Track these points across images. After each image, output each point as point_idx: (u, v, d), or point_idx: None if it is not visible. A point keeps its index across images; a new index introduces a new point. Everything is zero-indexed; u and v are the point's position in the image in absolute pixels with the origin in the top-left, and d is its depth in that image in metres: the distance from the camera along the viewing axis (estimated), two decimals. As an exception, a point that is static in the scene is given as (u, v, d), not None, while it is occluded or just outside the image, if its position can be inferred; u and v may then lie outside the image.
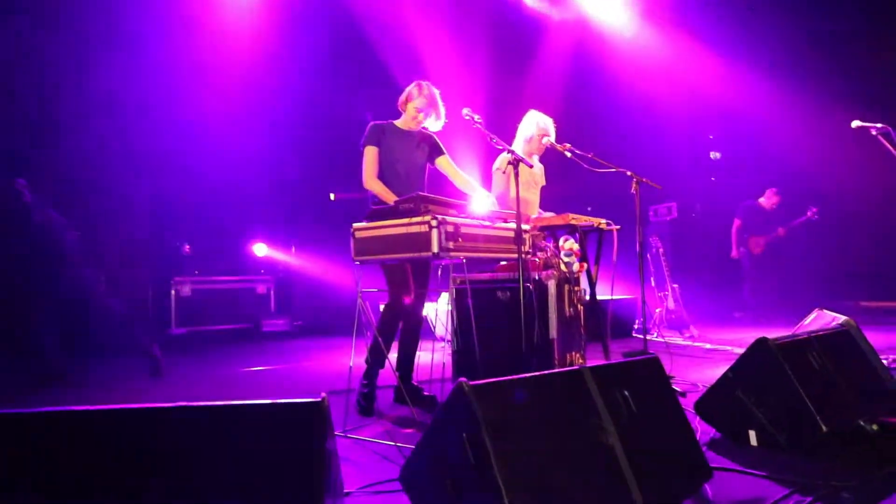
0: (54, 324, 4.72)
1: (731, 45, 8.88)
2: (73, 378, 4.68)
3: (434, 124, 3.68)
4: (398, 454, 2.56)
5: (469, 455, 1.61)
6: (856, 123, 4.35)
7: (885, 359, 3.88)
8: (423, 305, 3.75)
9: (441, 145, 3.79)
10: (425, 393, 3.62)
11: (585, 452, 1.76)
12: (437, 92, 3.63)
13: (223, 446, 1.50)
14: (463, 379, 1.63)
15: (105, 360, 5.70)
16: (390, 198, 3.36)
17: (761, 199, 8.39)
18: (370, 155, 3.55)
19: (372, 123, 3.63)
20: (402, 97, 3.64)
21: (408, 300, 3.50)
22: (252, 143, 8.06)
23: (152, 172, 7.61)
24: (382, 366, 3.50)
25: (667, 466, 1.92)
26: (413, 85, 3.62)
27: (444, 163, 3.78)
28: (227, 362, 5.65)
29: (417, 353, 3.70)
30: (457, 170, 3.77)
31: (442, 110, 3.64)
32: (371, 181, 3.51)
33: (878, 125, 4.26)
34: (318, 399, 1.52)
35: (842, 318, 3.07)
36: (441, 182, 3.91)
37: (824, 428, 2.38)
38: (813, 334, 2.81)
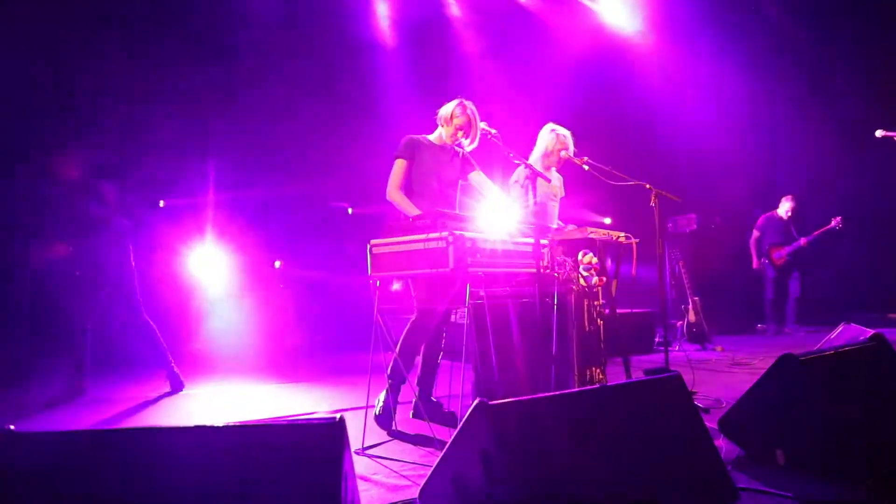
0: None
1: (752, 54, 8.83)
2: (93, 392, 4.72)
3: (469, 145, 3.66)
4: (416, 472, 2.53)
5: (488, 475, 1.58)
6: (879, 133, 4.29)
7: (916, 373, 3.77)
8: (448, 322, 3.74)
9: (472, 160, 3.80)
10: (445, 409, 3.59)
11: (604, 474, 1.72)
12: (476, 112, 3.60)
13: (239, 467, 1.49)
14: (482, 398, 1.61)
15: (122, 374, 5.75)
16: (411, 210, 3.35)
17: (778, 209, 8.26)
18: (400, 167, 3.55)
19: (408, 136, 3.63)
20: (445, 113, 3.62)
21: (435, 318, 3.49)
22: (270, 158, 8.13)
23: (169, 188, 7.73)
24: (404, 381, 3.49)
25: (691, 487, 1.88)
26: (456, 104, 3.59)
27: (476, 177, 3.78)
28: (246, 378, 5.67)
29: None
30: (490, 184, 3.76)
31: (479, 133, 3.59)
32: (394, 192, 3.51)
33: (903, 134, 4.19)
34: (335, 419, 1.50)
35: (870, 333, 2.99)
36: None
37: (854, 446, 2.31)
38: (841, 349, 2.74)
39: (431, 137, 3.69)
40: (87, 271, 4.56)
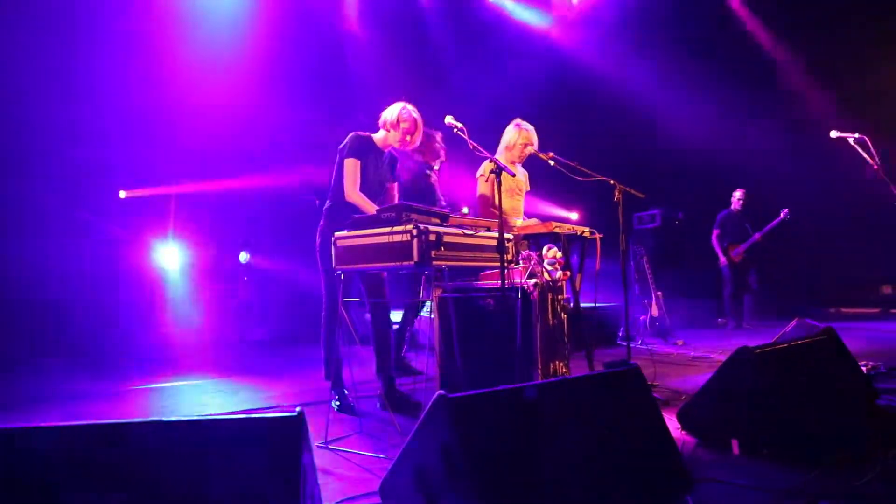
0: None
1: (707, 53, 9.01)
2: (52, 387, 4.59)
3: (410, 146, 3.74)
4: (380, 466, 2.53)
5: (446, 467, 1.59)
6: (834, 134, 4.42)
7: (864, 365, 3.93)
8: (388, 314, 3.76)
9: (396, 169, 3.92)
10: (412, 400, 3.60)
11: (564, 466, 1.74)
12: (418, 114, 3.67)
13: (196, 462, 1.47)
14: (442, 392, 1.62)
15: (83, 368, 5.61)
16: (372, 210, 3.35)
17: (733, 205, 8.41)
18: (354, 167, 3.57)
19: (354, 134, 3.64)
20: (390, 117, 3.64)
21: (342, 309, 3.58)
22: (234, 150, 8.00)
23: (136, 178, 7.57)
24: (340, 366, 3.63)
25: (647, 478, 1.92)
26: (401, 108, 3.63)
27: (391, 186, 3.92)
28: (207, 371, 5.58)
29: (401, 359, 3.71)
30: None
31: (420, 133, 3.70)
32: (354, 194, 3.54)
33: (856, 135, 4.32)
34: (294, 413, 1.49)
35: (822, 326, 3.09)
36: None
37: (805, 435, 2.39)
38: (794, 342, 2.82)
39: (376, 138, 3.73)
40: None
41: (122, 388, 4.68)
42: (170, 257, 7.76)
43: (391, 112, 3.65)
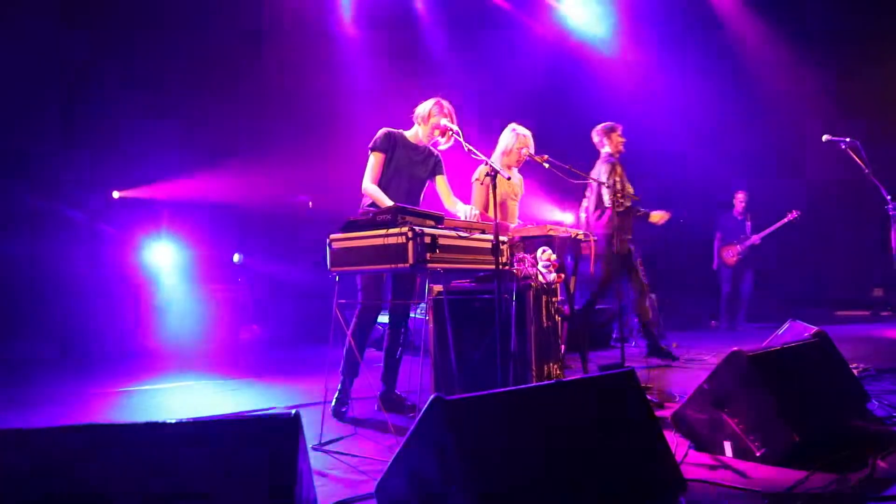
0: None
1: (708, 53, 9.05)
2: (40, 388, 4.57)
3: (444, 143, 3.69)
4: (375, 468, 2.53)
5: (442, 469, 1.60)
6: (826, 138, 4.45)
7: (855, 368, 3.96)
8: (407, 316, 3.76)
9: (442, 164, 3.83)
10: (407, 403, 3.60)
11: (559, 468, 1.75)
12: (453, 112, 3.64)
13: (191, 463, 1.47)
14: (438, 394, 1.62)
15: (74, 369, 5.59)
16: (387, 203, 3.38)
17: (735, 208, 8.44)
18: (376, 161, 3.57)
19: (385, 130, 3.63)
20: (422, 112, 3.63)
21: (376, 311, 3.57)
22: (231, 150, 8.00)
23: (131, 178, 7.56)
24: (356, 374, 3.55)
25: (641, 480, 1.93)
26: (434, 103, 3.62)
27: (440, 182, 3.82)
28: (201, 374, 5.57)
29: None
30: (450, 191, 3.82)
31: (455, 132, 3.59)
32: (370, 186, 3.53)
33: (847, 139, 4.35)
34: (290, 414, 1.49)
35: (814, 329, 3.11)
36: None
37: (797, 438, 2.41)
38: (786, 345, 2.84)
39: (408, 134, 3.71)
40: None
41: (116, 389, 4.66)
42: (163, 257, 7.74)
43: (423, 107, 3.64)
